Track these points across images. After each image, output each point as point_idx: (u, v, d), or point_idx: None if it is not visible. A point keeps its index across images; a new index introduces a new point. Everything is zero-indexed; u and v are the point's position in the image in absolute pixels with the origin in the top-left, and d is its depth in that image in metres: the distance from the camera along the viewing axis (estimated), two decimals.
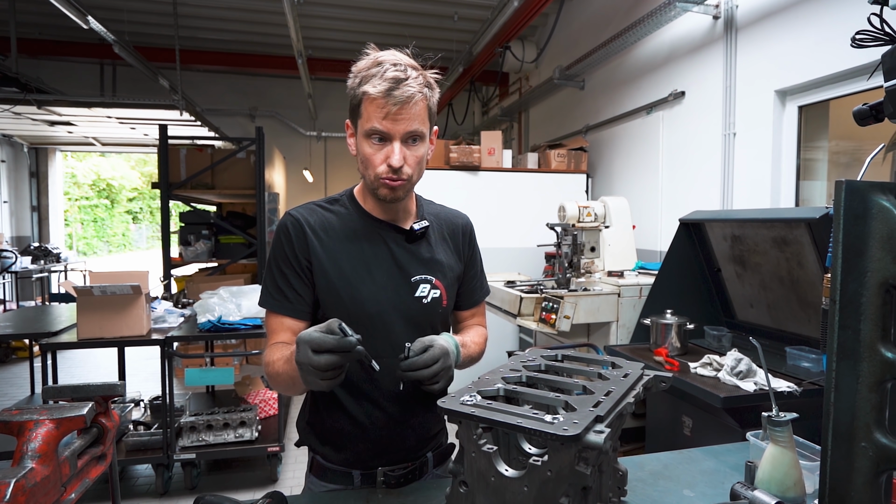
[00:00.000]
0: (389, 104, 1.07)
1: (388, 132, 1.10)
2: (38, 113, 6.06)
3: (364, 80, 1.10)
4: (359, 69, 1.13)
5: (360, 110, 1.12)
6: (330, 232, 1.20)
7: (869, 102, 1.14)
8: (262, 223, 5.23)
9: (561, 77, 5.41)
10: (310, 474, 1.31)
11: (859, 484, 0.73)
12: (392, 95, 1.07)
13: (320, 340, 0.93)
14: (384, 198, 1.17)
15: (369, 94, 1.09)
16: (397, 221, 1.25)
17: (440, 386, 1.07)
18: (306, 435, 1.31)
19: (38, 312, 4.11)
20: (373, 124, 1.10)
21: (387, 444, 1.22)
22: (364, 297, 1.17)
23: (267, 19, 6.49)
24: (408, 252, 1.23)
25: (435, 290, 1.23)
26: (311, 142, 8.87)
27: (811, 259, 2.35)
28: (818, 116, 3.14)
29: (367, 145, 1.13)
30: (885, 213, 0.73)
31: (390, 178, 1.13)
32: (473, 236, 1.39)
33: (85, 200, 22.32)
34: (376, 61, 1.11)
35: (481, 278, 1.42)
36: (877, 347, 0.73)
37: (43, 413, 0.79)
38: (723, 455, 1.41)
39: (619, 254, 3.72)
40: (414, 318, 1.21)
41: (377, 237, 1.22)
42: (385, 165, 1.12)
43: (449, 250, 1.31)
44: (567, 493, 0.79)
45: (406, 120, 1.10)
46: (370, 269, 1.19)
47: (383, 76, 1.08)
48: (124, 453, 3.22)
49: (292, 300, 1.18)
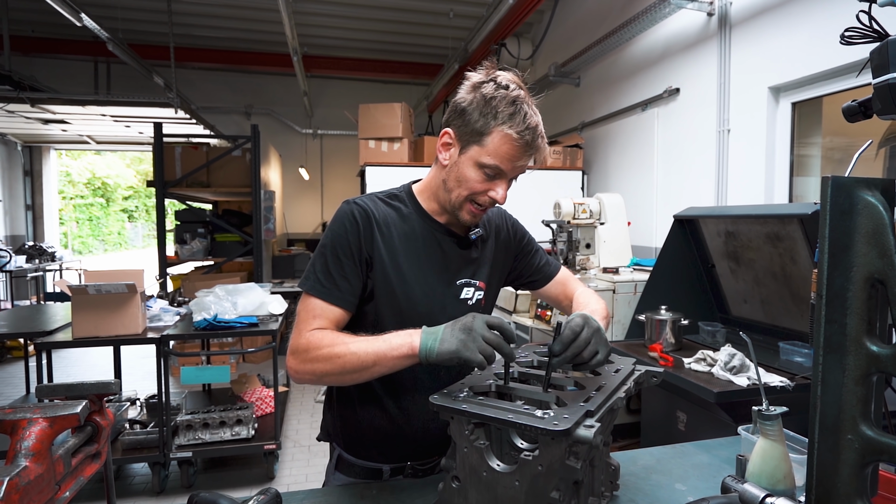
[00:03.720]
0: (525, 155, 1.10)
1: (507, 173, 1.13)
2: (32, 111, 6.03)
3: (502, 116, 1.07)
4: (490, 94, 1.09)
5: (485, 140, 1.10)
6: (392, 227, 1.20)
7: (858, 99, 1.14)
8: (258, 221, 5.23)
9: (556, 74, 5.42)
10: (335, 471, 1.30)
11: (845, 475, 0.74)
12: (531, 146, 1.10)
13: (507, 329, 0.95)
14: (465, 221, 1.19)
15: (510, 137, 1.08)
16: (453, 227, 1.26)
17: (601, 356, 1.01)
18: (334, 431, 1.30)
19: (32, 312, 4.10)
20: (497, 163, 1.10)
21: (421, 439, 1.23)
22: (418, 297, 1.18)
23: (262, 16, 6.47)
24: (459, 257, 1.25)
25: (479, 292, 1.27)
26: (306, 139, 8.85)
27: (804, 255, 2.36)
28: (811, 113, 3.15)
29: (474, 171, 1.13)
30: (871, 209, 0.74)
31: (482, 209, 1.17)
32: (516, 222, 1.43)
33: (80, 199, 22.21)
34: (511, 98, 1.08)
35: (544, 255, 1.45)
36: (862, 341, 0.74)
37: (36, 411, 0.79)
38: (715, 449, 1.42)
39: (614, 250, 3.73)
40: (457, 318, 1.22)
41: (433, 239, 1.23)
42: (486, 197, 1.14)
43: (499, 251, 1.34)
44: (558, 488, 0.80)
45: (526, 166, 1.14)
46: (424, 269, 1.20)
47: (526, 122, 1.07)
48: (121, 452, 3.22)
49: (342, 290, 1.13)
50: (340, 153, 8.92)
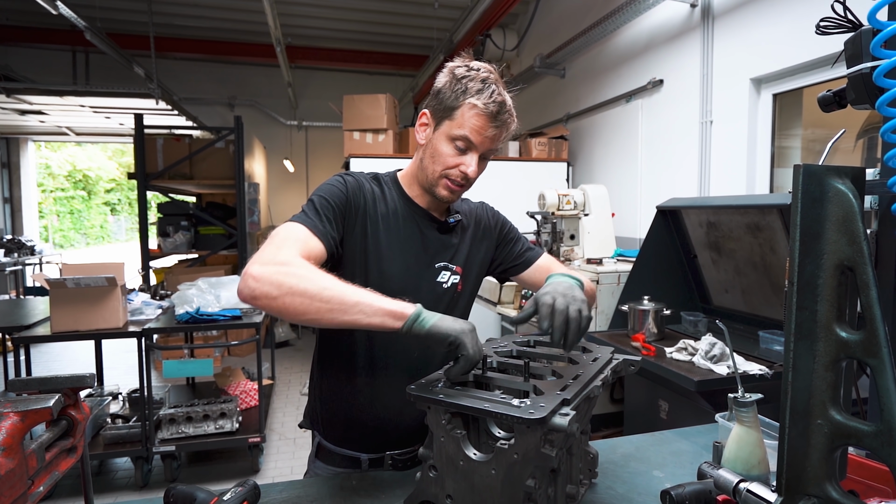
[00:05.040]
0: (491, 125, 1.15)
1: (477, 145, 1.17)
2: (8, 101, 5.91)
3: (471, 91, 1.15)
4: (462, 74, 1.17)
5: (455, 114, 1.16)
6: (377, 203, 1.23)
7: (833, 89, 1.16)
8: (242, 214, 5.18)
9: (542, 65, 5.41)
10: (315, 459, 1.32)
11: (815, 459, 0.76)
12: (497, 118, 1.15)
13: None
14: (441, 197, 1.22)
15: (476, 107, 1.14)
16: (433, 211, 1.29)
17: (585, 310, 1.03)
18: (314, 418, 1.33)
19: (11, 306, 4.04)
20: (466, 133, 1.15)
21: (396, 426, 1.24)
22: (390, 274, 1.20)
23: (244, 6, 6.37)
24: (438, 241, 1.29)
25: (455, 276, 1.29)
26: (291, 131, 8.76)
27: (783, 244, 2.40)
28: (792, 104, 3.18)
29: (447, 145, 1.18)
30: (841, 197, 0.75)
31: (457, 184, 1.20)
32: (497, 213, 1.48)
33: (61, 192, 21.83)
34: (480, 76, 1.16)
35: (526, 242, 1.47)
36: (832, 327, 0.75)
37: (7, 406, 0.78)
38: (693, 436, 1.44)
39: (598, 241, 3.75)
40: (433, 300, 1.24)
41: (413, 222, 1.26)
42: (458, 170, 1.18)
43: (478, 239, 1.37)
44: (533, 475, 0.80)
45: (495, 140, 1.19)
46: (401, 249, 1.23)
47: (492, 97, 1.14)
48: (103, 447, 3.19)
49: (327, 228, 1.12)
50: (325, 145, 8.85)
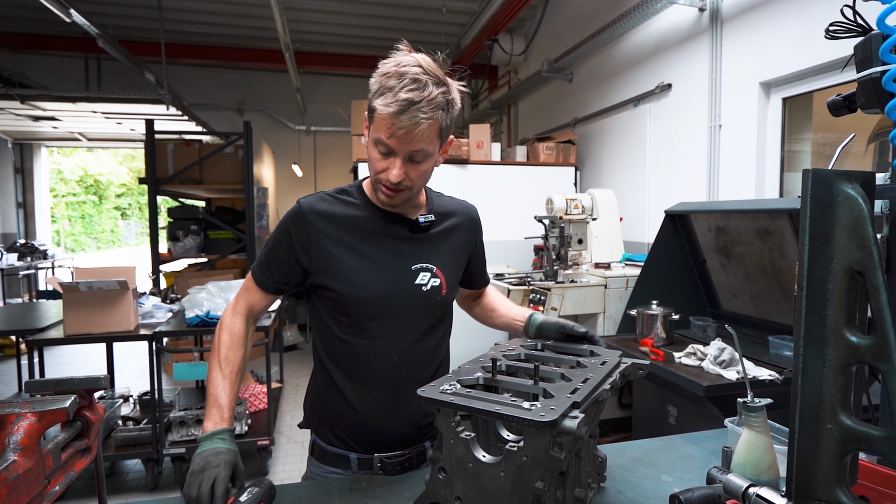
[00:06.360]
0: (396, 126, 1.06)
1: (393, 149, 1.11)
2: (22, 108, 6.00)
3: (379, 92, 1.08)
4: (381, 73, 1.10)
5: (373, 116, 1.11)
6: (335, 220, 1.23)
7: (843, 93, 1.15)
8: (251, 218, 5.21)
9: (549, 70, 5.42)
10: (311, 457, 1.35)
11: (825, 465, 0.75)
12: (399, 119, 1.05)
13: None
14: (382, 203, 1.21)
15: (379, 108, 1.07)
16: (405, 213, 1.27)
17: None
18: (310, 417, 1.35)
19: (24, 309, 4.09)
20: (379, 136, 1.10)
21: (381, 429, 1.25)
22: (359, 284, 1.20)
23: (253, 12, 6.44)
24: (411, 242, 1.26)
25: (435, 279, 1.26)
26: (300, 136, 8.82)
27: (793, 249, 2.38)
28: (802, 108, 3.17)
29: (374, 150, 1.14)
30: (851, 201, 0.75)
31: (390, 188, 1.15)
32: (479, 226, 1.45)
33: (72, 197, 22.07)
34: (398, 72, 1.07)
35: (485, 263, 1.53)
36: (842, 332, 0.75)
37: (25, 406, 0.80)
38: (702, 441, 1.43)
39: (606, 246, 3.74)
40: (414, 304, 1.24)
41: (381, 228, 1.25)
42: (384, 176, 1.14)
43: (455, 241, 1.34)
44: (542, 478, 0.81)
45: (411, 142, 1.09)
46: (371, 257, 1.22)
47: (396, 96, 1.05)
48: (114, 448, 3.22)
49: (272, 277, 1.26)
50: (333, 150, 8.90)
